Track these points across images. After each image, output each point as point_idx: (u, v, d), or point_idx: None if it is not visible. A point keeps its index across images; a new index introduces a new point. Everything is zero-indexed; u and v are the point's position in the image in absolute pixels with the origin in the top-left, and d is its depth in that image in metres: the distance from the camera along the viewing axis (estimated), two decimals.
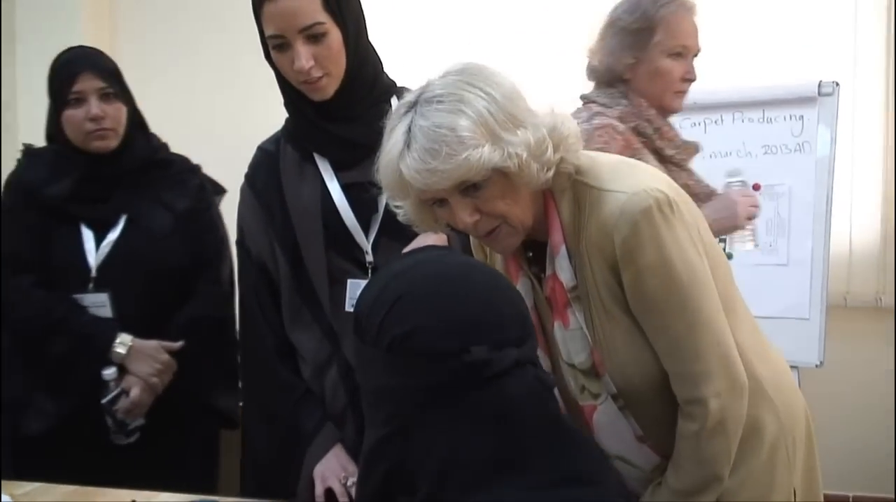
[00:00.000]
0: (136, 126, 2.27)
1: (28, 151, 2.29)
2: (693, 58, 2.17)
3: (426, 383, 1.06)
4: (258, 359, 1.90)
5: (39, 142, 2.30)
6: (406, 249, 1.61)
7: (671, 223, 1.34)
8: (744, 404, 1.39)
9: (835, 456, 2.50)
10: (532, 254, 1.48)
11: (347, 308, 1.80)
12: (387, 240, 1.79)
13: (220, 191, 2.39)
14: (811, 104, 3.08)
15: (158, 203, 2.24)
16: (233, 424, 2.25)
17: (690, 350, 1.36)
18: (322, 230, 1.81)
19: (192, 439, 2.26)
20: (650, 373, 1.40)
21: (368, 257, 1.80)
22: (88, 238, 2.19)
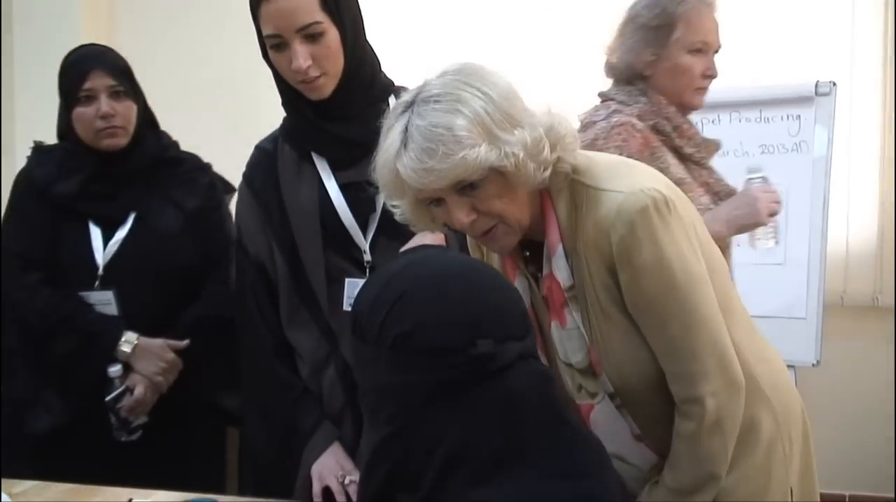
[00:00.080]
0: (147, 124, 2.26)
1: (38, 148, 2.28)
2: (714, 54, 2.14)
3: (431, 379, 1.06)
4: (256, 359, 1.90)
5: (37, 136, 2.30)
6: (403, 248, 1.61)
7: (668, 222, 1.34)
8: (741, 403, 1.39)
9: (831, 456, 2.50)
10: (529, 253, 1.48)
11: (345, 307, 1.80)
12: (385, 239, 1.79)
13: (231, 189, 2.36)
14: (808, 104, 3.08)
15: (168, 201, 2.24)
16: (240, 423, 2.23)
17: (687, 349, 1.36)
18: (320, 229, 1.81)
19: (199, 438, 2.25)
20: (647, 372, 1.40)
21: (366, 256, 1.80)
22: (96, 236, 2.19)
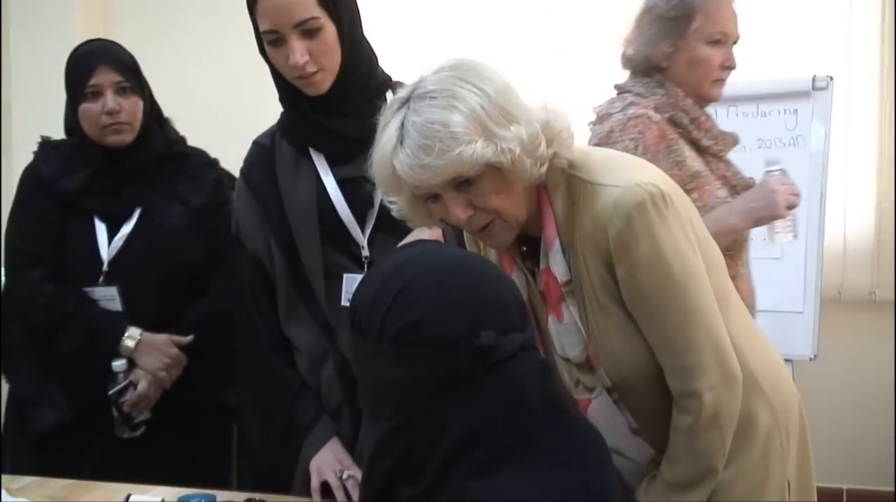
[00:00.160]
0: (153, 120, 2.25)
1: (45, 144, 2.28)
2: (732, 45, 2.11)
3: (435, 372, 1.06)
4: (254, 354, 1.89)
5: (33, 134, 2.29)
6: (401, 244, 1.61)
7: (665, 217, 1.34)
8: (738, 397, 1.40)
9: (828, 449, 2.51)
10: (526, 248, 1.48)
11: (343, 302, 1.80)
12: (383, 235, 1.79)
13: None
14: (805, 98, 3.08)
15: (174, 197, 2.23)
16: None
17: (684, 343, 1.36)
18: (318, 225, 1.81)
19: (205, 435, 2.24)
20: (644, 366, 1.40)
21: (364, 252, 1.80)
22: (101, 231, 2.18)
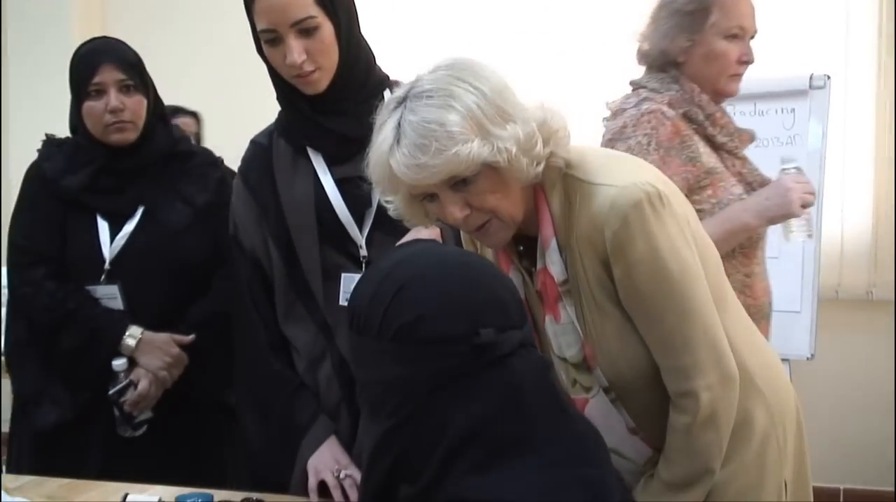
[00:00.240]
0: (157, 118, 2.24)
1: (49, 141, 2.27)
2: (750, 39, 2.10)
3: (435, 369, 1.06)
4: (252, 353, 1.89)
5: (29, 133, 2.29)
6: (398, 243, 1.61)
7: (661, 217, 1.34)
8: (735, 397, 1.40)
9: (825, 449, 2.52)
10: (523, 248, 1.48)
11: (342, 302, 1.80)
12: (381, 234, 1.78)
13: None
14: (803, 97, 3.09)
15: (177, 196, 2.22)
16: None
17: (681, 343, 1.36)
18: (316, 224, 1.80)
19: (207, 434, 2.24)
20: (641, 365, 1.40)
21: (362, 251, 1.80)
22: (104, 230, 2.18)
